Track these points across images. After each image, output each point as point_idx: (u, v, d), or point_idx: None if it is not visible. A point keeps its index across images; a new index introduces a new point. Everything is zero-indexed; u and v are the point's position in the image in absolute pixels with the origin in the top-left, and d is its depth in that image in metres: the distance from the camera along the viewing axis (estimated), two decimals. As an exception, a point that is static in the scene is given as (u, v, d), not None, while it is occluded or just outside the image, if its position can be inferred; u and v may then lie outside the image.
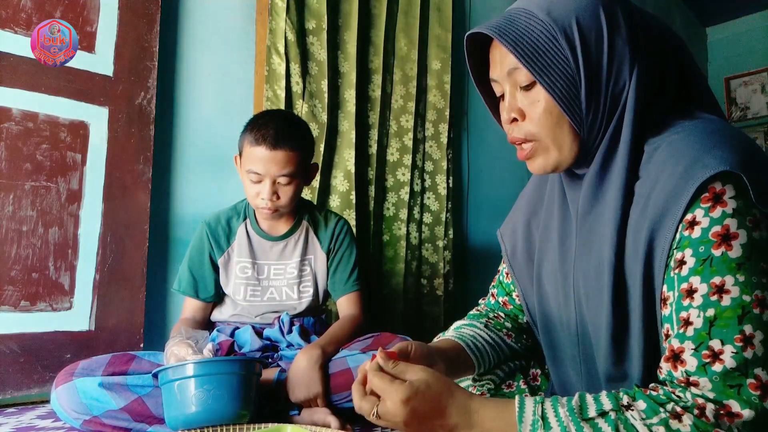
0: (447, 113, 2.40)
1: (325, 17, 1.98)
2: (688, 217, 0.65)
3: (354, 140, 2.04)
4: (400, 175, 2.25)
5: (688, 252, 0.65)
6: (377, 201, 2.19)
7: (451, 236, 2.36)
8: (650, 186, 0.69)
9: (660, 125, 0.74)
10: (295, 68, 1.91)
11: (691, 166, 0.65)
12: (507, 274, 1.02)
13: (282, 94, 1.88)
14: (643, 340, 0.71)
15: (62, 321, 1.53)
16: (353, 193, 2.02)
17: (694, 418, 0.60)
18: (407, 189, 2.24)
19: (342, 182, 2.03)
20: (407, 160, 2.25)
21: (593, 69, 0.71)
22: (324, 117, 1.98)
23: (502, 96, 0.80)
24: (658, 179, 0.68)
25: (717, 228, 0.63)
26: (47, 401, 1.52)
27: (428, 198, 2.34)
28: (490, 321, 1.00)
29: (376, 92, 2.19)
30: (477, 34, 0.80)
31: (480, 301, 1.09)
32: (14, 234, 1.48)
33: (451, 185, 2.40)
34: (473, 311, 1.06)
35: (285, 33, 1.89)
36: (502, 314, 1.03)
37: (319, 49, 1.99)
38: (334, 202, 2.02)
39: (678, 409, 0.61)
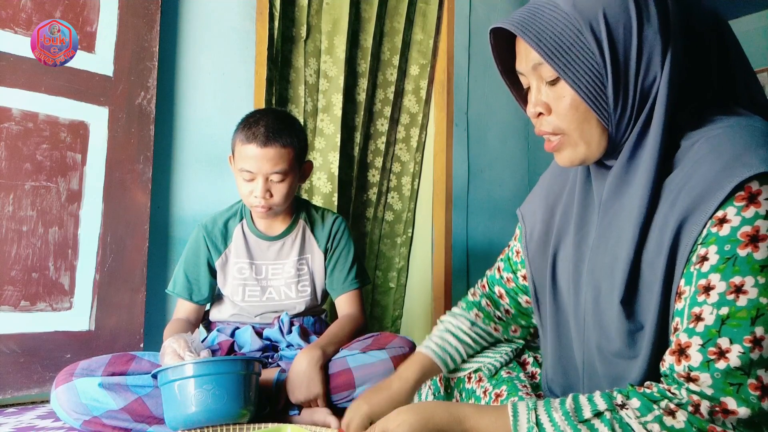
0: (420, 118, 2.43)
1: (305, 25, 2.02)
2: (719, 214, 0.63)
3: (339, 143, 2.08)
4: (371, 176, 2.32)
5: (713, 249, 0.63)
6: (354, 201, 2.25)
7: (410, 234, 2.44)
8: (684, 180, 0.67)
9: (699, 118, 0.71)
10: (279, 75, 1.97)
11: (731, 164, 0.63)
12: (518, 252, 1.00)
13: (273, 99, 1.92)
14: (655, 337, 0.70)
15: (62, 321, 1.53)
16: (336, 194, 2.06)
17: (689, 414, 0.60)
18: (376, 189, 2.32)
19: (325, 184, 2.07)
20: (378, 162, 2.33)
21: (621, 64, 0.69)
22: (300, 120, 2.02)
23: (529, 88, 0.78)
24: (693, 174, 0.66)
25: (747, 228, 0.62)
26: (47, 401, 1.52)
27: (392, 197, 2.42)
28: (480, 315, 1.01)
29: (362, 96, 2.23)
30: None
31: (487, 272, 1.09)
32: (14, 234, 1.48)
33: (416, 187, 2.46)
34: (470, 296, 1.07)
35: (276, 40, 1.92)
36: (504, 291, 1.03)
37: (297, 57, 2.03)
38: (316, 203, 2.05)
39: (672, 405, 0.62)
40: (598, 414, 0.64)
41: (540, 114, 0.75)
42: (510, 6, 2.84)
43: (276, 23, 1.91)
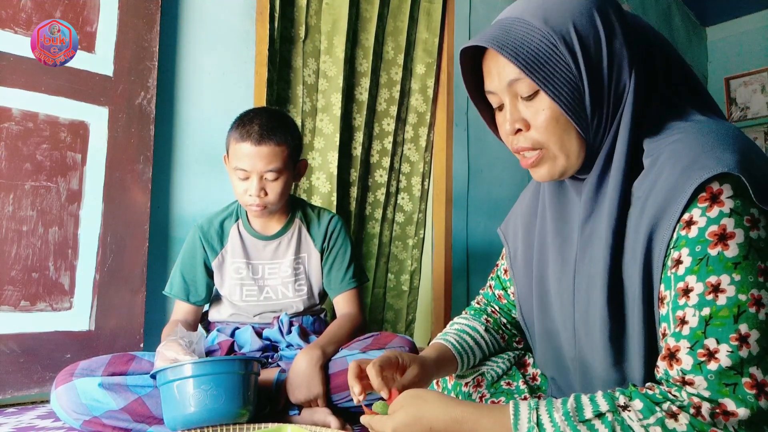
0: (428, 117, 2.43)
1: (303, 26, 2.02)
2: (686, 216, 0.65)
3: (338, 143, 2.08)
4: (378, 177, 2.31)
5: (685, 251, 0.65)
6: (359, 202, 2.24)
7: (421, 235, 2.42)
8: (649, 187, 0.69)
9: (657, 126, 0.74)
10: (277, 75, 1.97)
11: (690, 167, 0.65)
12: (506, 270, 1.03)
13: (272, 100, 1.93)
14: (644, 342, 0.71)
15: (62, 321, 1.53)
16: (335, 194, 2.06)
17: (691, 417, 0.60)
18: (384, 190, 2.31)
19: (324, 184, 2.07)
20: (386, 162, 2.32)
21: (595, 74, 0.71)
22: (298, 121, 2.03)
23: (500, 107, 0.79)
24: (657, 180, 0.68)
25: (714, 227, 0.63)
26: (47, 401, 1.52)
27: (402, 198, 2.41)
28: (489, 320, 1.02)
29: (363, 95, 2.22)
30: (469, 46, 0.78)
31: (480, 291, 1.11)
32: (14, 234, 1.48)
33: (426, 187, 2.45)
34: (474, 304, 1.09)
35: (275, 40, 1.92)
36: (497, 307, 1.05)
37: (296, 58, 2.03)
38: (315, 203, 2.05)
39: (674, 408, 0.62)
40: (599, 415, 0.64)
41: (518, 131, 0.76)
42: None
43: (275, 24, 1.92)
